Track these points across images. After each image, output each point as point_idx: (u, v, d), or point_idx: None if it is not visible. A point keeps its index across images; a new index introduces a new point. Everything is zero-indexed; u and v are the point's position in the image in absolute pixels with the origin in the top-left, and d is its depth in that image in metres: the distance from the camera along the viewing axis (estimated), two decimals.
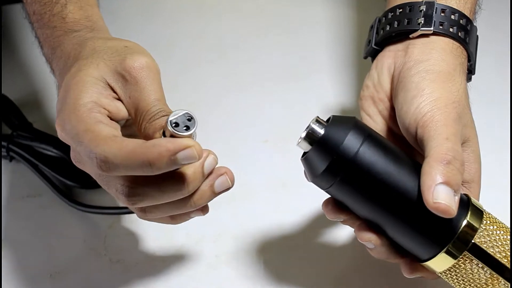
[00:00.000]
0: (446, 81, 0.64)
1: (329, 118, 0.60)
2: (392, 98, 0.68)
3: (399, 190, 0.58)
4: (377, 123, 0.69)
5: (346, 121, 0.58)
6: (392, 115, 0.68)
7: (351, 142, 0.57)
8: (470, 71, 0.71)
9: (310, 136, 0.58)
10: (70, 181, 0.80)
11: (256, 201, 0.80)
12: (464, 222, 0.59)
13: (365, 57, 0.75)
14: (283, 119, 0.88)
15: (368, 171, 0.57)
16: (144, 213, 0.61)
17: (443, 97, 0.62)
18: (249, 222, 0.77)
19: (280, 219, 0.78)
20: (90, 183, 0.80)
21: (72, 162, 0.62)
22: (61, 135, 0.59)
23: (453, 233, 0.58)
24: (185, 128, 0.56)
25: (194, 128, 0.56)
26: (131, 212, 0.72)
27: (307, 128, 0.58)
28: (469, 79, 0.72)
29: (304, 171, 0.61)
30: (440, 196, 0.56)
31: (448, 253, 0.59)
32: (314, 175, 0.58)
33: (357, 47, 0.96)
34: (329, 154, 0.57)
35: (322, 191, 0.61)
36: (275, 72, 0.94)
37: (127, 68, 0.59)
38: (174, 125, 0.55)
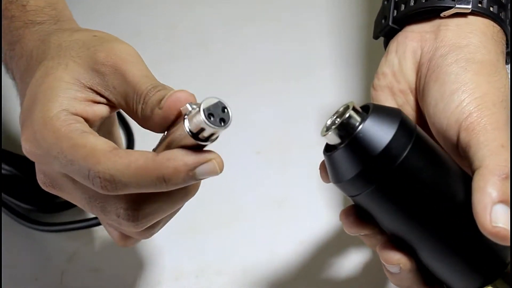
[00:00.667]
0: (492, 74, 0.59)
1: (365, 106, 0.54)
2: (417, 91, 0.63)
3: (447, 205, 0.53)
4: None
5: (391, 115, 0.53)
6: (416, 112, 0.63)
7: (398, 143, 0.51)
8: (508, 61, 0.67)
9: (345, 128, 0.51)
10: (26, 204, 0.76)
11: (247, 225, 0.76)
12: None
13: (376, 37, 0.69)
14: (278, 126, 0.85)
15: (414, 180, 0.52)
16: (149, 231, 0.60)
17: (490, 94, 0.57)
18: (237, 253, 0.74)
19: (276, 248, 0.75)
20: (52, 206, 0.77)
21: (32, 182, 0.61)
22: (34, 154, 0.56)
23: (503, 264, 0.55)
24: (220, 121, 0.51)
25: (230, 122, 0.52)
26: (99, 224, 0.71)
27: (338, 115, 0.52)
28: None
29: (322, 167, 0.56)
30: (500, 219, 0.51)
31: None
32: (341, 179, 0.53)
33: (368, 32, 0.91)
34: (367, 156, 0.51)
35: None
36: (267, 68, 0.90)
37: (100, 61, 0.57)
38: (208, 115, 0.51)
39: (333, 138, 0.53)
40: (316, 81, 0.88)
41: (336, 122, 0.52)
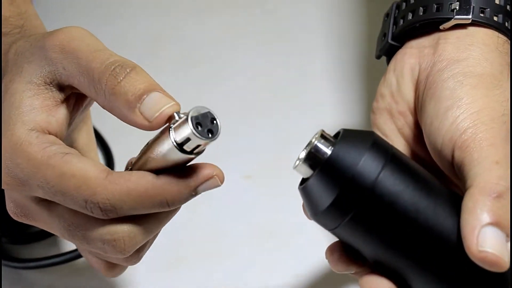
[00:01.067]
0: (492, 88, 0.59)
1: (337, 133, 0.55)
2: (416, 111, 0.63)
3: (432, 231, 0.53)
4: (395, 144, 0.62)
5: (361, 137, 0.54)
6: (417, 134, 0.63)
7: (369, 165, 0.52)
8: None
9: (313, 157, 0.53)
10: None
11: (236, 257, 0.75)
12: None
13: (379, 57, 0.70)
14: (270, 148, 0.84)
15: (392, 205, 0.52)
16: (137, 255, 0.60)
17: (488, 108, 0.57)
18: None
19: (269, 282, 0.74)
20: (24, 236, 0.75)
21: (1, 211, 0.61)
22: (6, 183, 0.55)
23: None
24: (208, 132, 0.52)
25: (218, 135, 0.52)
26: (79, 257, 0.71)
27: (308, 146, 0.54)
28: None
29: (303, 205, 0.56)
30: (487, 242, 0.50)
31: None
32: (316, 210, 0.54)
33: (366, 46, 0.93)
34: (338, 182, 0.52)
35: (327, 232, 0.56)
36: (258, 85, 0.90)
37: (47, 46, 0.56)
38: (196, 124, 0.51)
39: (304, 170, 0.54)
40: (311, 100, 0.89)
41: (304, 153, 0.54)
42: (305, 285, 0.73)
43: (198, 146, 0.52)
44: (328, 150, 0.53)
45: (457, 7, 0.63)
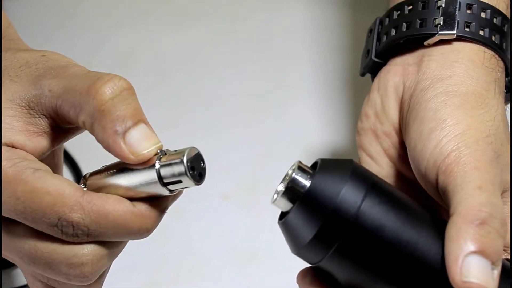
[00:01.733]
0: (476, 107, 0.58)
1: (315, 163, 0.55)
2: (401, 132, 0.63)
3: (416, 260, 0.52)
4: (381, 166, 0.63)
5: (340, 167, 0.54)
6: (403, 155, 0.62)
7: (350, 196, 0.52)
8: (510, 88, 0.66)
9: (291, 191, 0.53)
10: None
11: (213, 283, 0.75)
12: None
13: (363, 74, 0.69)
14: (249, 166, 0.83)
15: (375, 236, 0.52)
16: (99, 282, 0.58)
17: (472, 129, 0.57)
18: None
19: None
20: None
21: None
22: None
23: None
24: (199, 175, 0.54)
25: (205, 177, 0.55)
26: None
27: (285, 179, 0.54)
28: (507, 100, 0.66)
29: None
30: (471, 272, 0.49)
31: None
32: (298, 245, 0.53)
33: (352, 61, 0.92)
34: (319, 216, 0.52)
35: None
36: (236, 100, 0.89)
37: (40, 74, 0.55)
38: (190, 168, 0.53)
39: (283, 204, 0.54)
40: (291, 116, 0.88)
41: (282, 186, 0.55)
42: None
43: (185, 186, 0.54)
44: (306, 182, 0.53)
45: (441, 22, 0.62)
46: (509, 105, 0.69)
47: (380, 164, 0.63)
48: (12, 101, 0.55)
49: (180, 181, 0.53)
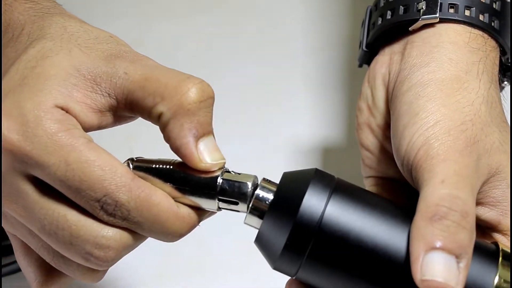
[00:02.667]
0: (452, 94, 0.57)
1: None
2: None
3: (389, 263, 0.52)
4: (380, 160, 0.62)
5: (302, 177, 0.54)
6: None
7: (313, 201, 0.52)
8: (508, 68, 0.64)
9: (257, 207, 0.54)
10: None
11: (222, 272, 0.74)
12: (495, 281, 0.52)
13: (360, 65, 0.69)
14: (245, 161, 0.79)
15: (342, 239, 0.52)
16: (105, 271, 0.58)
17: (445, 120, 0.56)
18: None
19: None
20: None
21: None
22: (21, 150, 0.52)
23: None
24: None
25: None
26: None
27: (249, 196, 0.55)
28: (505, 80, 0.65)
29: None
30: (430, 270, 0.49)
31: None
32: (273, 258, 0.54)
33: (351, 52, 0.90)
34: (285, 227, 0.53)
35: None
36: (224, 96, 0.81)
37: (114, 54, 0.55)
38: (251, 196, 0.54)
39: (253, 221, 0.55)
40: (288, 108, 0.87)
41: (248, 205, 0.55)
42: None
43: (235, 209, 0.54)
44: (270, 196, 0.54)
45: (424, 7, 0.61)
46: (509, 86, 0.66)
47: (379, 158, 0.62)
48: (78, 70, 0.54)
49: (235, 203, 0.54)
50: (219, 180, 0.54)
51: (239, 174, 0.54)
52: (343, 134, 0.84)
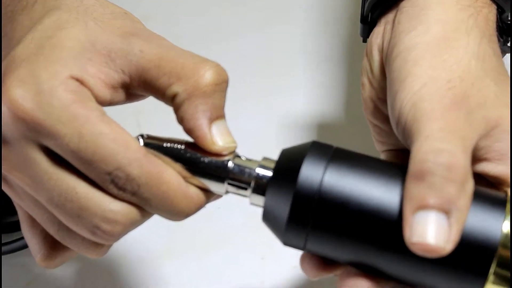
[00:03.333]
0: (439, 54, 0.56)
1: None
2: None
3: (394, 223, 0.52)
4: (390, 135, 0.61)
5: (300, 149, 0.55)
6: None
7: (310, 170, 0.53)
8: (504, 28, 0.62)
9: (259, 185, 0.55)
10: None
11: (232, 249, 0.74)
12: (505, 228, 0.51)
13: (364, 40, 0.67)
14: (262, 132, 0.81)
15: (345, 204, 0.52)
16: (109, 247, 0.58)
17: (431, 81, 0.55)
18: (220, 281, 0.72)
19: (263, 274, 0.73)
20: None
21: None
22: (34, 119, 0.51)
23: (491, 250, 0.51)
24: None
25: None
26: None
27: (250, 176, 0.56)
28: (504, 41, 0.63)
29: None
30: (417, 232, 0.49)
31: (498, 278, 0.51)
32: (281, 233, 0.55)
33: (352, 27, 0.90)
34: (286, 200, 0.53)
35: None
36: (248, 64, 0.88)
37: (129, 31, 0.55)
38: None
39: (257, 200, 0.55)
40: (285, 84, 0.86)
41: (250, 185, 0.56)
42: (302, 277, 0.72)
43: (243, 194, 0.55)
44: (269, 172, 0.55)
45: None
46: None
47: (388, 131, 0.62)
48: (94, 45, 0.54)
49: (244, 188, 0.54)
50: (230, 164, 0.55)
51: (250, 160, 0.55)
52: (340, 110, 0.83)
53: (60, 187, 0.53)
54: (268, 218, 0.55)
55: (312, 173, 0.53)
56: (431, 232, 0.49)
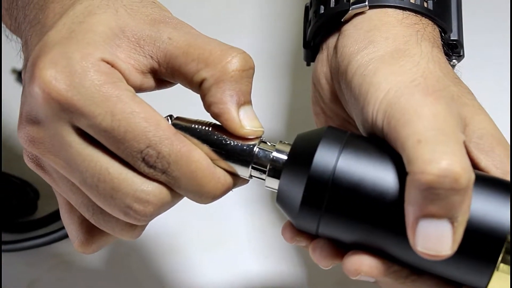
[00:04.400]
0: (394, 63, 0.57)
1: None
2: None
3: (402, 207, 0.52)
4: None
5: (315, 133, 0.55)
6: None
7: (325, 155, 0.53)
8: (451, 47, 0.63)
9: (274, 168, 0.56)
10: None
11: (235, 249, 0.74)
12: None
13: (308, 64, 0.68)
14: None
15: (357, 188, 0.53)
16: (143, 228, 0.58)
17: (395, 84, 0.55)
18: (226, 279, 0.72)
19: (267, 269, 0.72)
20: (15, 225, 0.75)
21: None
22: (67, 97, 0.52)
23: (500, 237, 0.51)
24: None
25: None
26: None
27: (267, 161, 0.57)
28: (453, 58, 0.64)
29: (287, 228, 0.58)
30: (422, 241, 0.50)
31: (507, 266, 0.51)
32: (294, 216, 0.55)
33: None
34: (300, 183, 0.54)
35: None
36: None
37: (158, 19, 0.55)
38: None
39: (272, 183, 0.56)
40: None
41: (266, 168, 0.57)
42: (305, 275, 0.72)
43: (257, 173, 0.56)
44: (284, 156, 0.55)
45: None
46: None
47: None
48: (123, 31, 0.54)
49: (265, 172, 0.55)
50: (256, 149, 0.55)
51: (275, 145, 0.55)
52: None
53: (94, 168, 0.53)
54: (282, 200, 0.56)
55: (326, 157, 0.53)
56: (435, 240, 0.49)
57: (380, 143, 0.55)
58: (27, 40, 0.57)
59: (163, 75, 0.55)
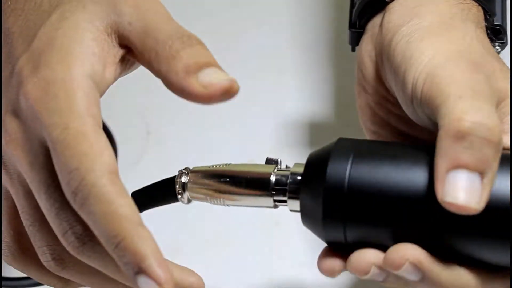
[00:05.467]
0: (441, 33, 0.57)
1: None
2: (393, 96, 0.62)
3: (421, 202, 0.52)
4: (388, 138, 0.63)
5: (325, 148, 0.56)
6: (405, 117, 0.60)
7: (337, 165, 0.54)
8: (494, 32, 0.63)
9: (292, 190, 0.56)
10: None
11: (237, 249, 0.74)
12: None
13: (353, 49, 0.68)
14: (269, 130, 0.81)
15: (374, 192, 0.53)
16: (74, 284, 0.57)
17: (441, 51, 0.55)
18: (228, 279, 0.73)
19: (271, 273, 0.73)
20: None
21: None
22: (41, 108, 0.51)
23: None
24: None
25: None
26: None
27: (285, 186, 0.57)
28: (496, 45, 0.64)
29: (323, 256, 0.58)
30: (451, 191, 0.49)
31: None
32: (319, 231, 0.56)
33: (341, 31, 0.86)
34: (317, 196, 0.54)
35: None
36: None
37: (121, 1, 0.54)
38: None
39: (295, 205, 0.56)
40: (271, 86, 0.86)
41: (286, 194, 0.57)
42: (310, 275, 0.72)
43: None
44: (299, 177, 0.56)
45: None
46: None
47: (384, 137, 0.63)
48: (92, 23, 0.54)
49: (283, 200, 0.55)
50: (272, 177, 0.56)
51: (289, 169, 0.56)
52: (335, 108, 0.84)
53: (40, 183, 0.53)
54: (306, 218, 0.56)
55: (339, 166, 0.54)
56: (465, 192, 0.49)
57: (391, 144, 0.56)
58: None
59: (131, 57, 0.55)
